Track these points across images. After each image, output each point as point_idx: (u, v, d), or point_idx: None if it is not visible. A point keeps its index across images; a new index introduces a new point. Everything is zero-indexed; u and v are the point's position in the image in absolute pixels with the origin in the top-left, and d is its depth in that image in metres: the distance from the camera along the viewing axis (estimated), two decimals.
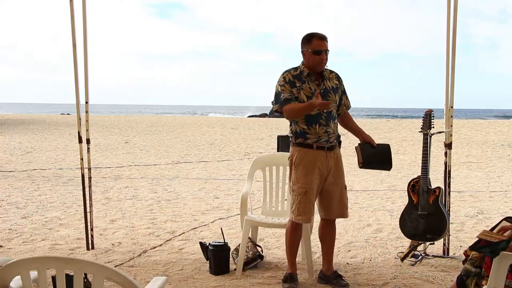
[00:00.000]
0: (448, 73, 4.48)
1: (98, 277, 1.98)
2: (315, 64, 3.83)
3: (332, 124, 3.89)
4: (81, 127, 4.83)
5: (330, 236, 4.07)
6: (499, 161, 12.64)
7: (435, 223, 4.41)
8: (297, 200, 3.84)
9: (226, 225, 5.89)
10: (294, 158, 3.87)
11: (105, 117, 36.36)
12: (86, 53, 4.75)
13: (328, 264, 4.05)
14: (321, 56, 3.80)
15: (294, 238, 4.01)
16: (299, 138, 3.86)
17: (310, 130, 3.82)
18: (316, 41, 3.80)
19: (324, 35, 3.84)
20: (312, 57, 3.81)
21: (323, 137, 3.84)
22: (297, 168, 3.85)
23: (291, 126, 3.91)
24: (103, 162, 12.03)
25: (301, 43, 3.88)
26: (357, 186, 8.87)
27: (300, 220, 3.88)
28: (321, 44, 3.80)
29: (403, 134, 21.03)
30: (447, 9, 4.39)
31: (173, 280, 4.04)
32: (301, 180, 3.83)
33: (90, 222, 4.99)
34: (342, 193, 3.97)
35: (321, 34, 3.83)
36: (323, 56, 3.81)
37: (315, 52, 3.79)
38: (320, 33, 3.83)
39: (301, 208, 3.84)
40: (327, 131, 3.85)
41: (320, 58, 3.80)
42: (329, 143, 3.87)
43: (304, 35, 3.88)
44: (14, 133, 20.95)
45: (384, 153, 4.09)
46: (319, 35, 3.82)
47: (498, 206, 7.03)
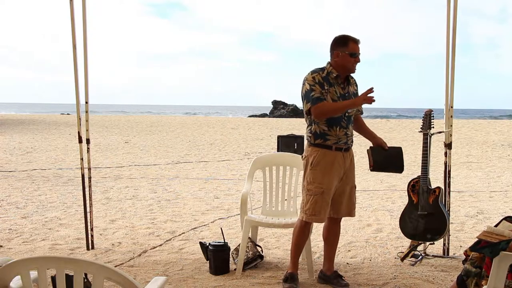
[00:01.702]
0: (448, 73, 4.48)
1: (98, 277, 1.98)
2: (348, 67, 3.85)
3: (351, 127, 3.99)
4: (81, 127, 4.83)
5: (335, 236, 4.10)
6: (499, 161, 12.64)
7: (435, 223, 4.41)
8: (313, 199, 3.84)
9: (226, 225, 5.89)
10: (312, 158, 3.88)
11: (105, 117, 36.36)
12: (86, 53, 4.75)
13: (329, 264, 4.06)
14: (356, 59, 3.84)
15: (302, 238, 4.01)
16: (318, 139, 3.86)
17: (331, 131, 3.85)
18: (353, 44, 3.83)
19: (359, 39, 3.89)
20: (347, 60, 3.82)
21: (342, 139, 3.88)
22: (315, 169, 3.85)
23: (310, 126, 3.91)
24: (103, 162, 12.04)
25: (334, 44, 3.87)
26: (357, 186, 8.80)
27: (314, 220, 3.90)
28: (356, 48, 3.85)
29: (403, 134, 21.04)
30: (447, 9, 4.40)
31: (173, 280, 4.04)
32: (318, 180, 3.84)
33: (90, 222, 5.00)
34: (352, 192, 4.03)
35: (356, 38, 3.88)
36: (357, 59, 3.85)
37: (351, 54, 3.81)
38: (355, 37, 3.88)
39: (316, 208, 3.84)
40: (347, 133, 3.91)
41: (355, 61, 3.84)
42: (346, 145, 3.93)
43: (338, 36, 3.89)
44: (14, 133, 20.96)
45: (395, 156, 4.13)
46: (354, 39, 3.86)
47: (498, 206, 7.03)
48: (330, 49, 3.89)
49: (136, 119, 34.31)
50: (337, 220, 4.08)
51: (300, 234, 3.98)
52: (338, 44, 3.85)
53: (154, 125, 26.98)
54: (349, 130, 3.95)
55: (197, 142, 17.94)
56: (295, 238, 4.00)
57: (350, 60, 3.81)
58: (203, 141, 18.13)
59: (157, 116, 46.17)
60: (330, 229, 4.08)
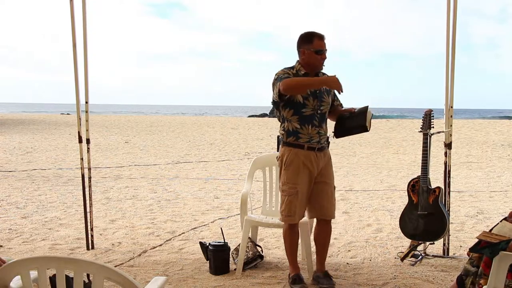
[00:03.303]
0: (448, 73, 4.48)
1: (98, 277, 1.98)
2: (316, 64, 3.80)
3: (324, 126, 3.91)
4: (81, 127, 4.83)
5: (325, 237, 4.02)
6: (499, 161, 12.64)
7: (435, 223, 4.41)
8: (287, 200, 3.84)
9: (226, 225, 5.89)
10: (285, 158, 3.85)
11: (105, 117, 36.35)
12: (86, 53, 4.75)
13: (320, 265, 4.02)
14: (322, 56, 3.78)
15: (293, 238, 4.00)
16: (290, 137, 3.83)
17: (303, 130, 3.81)
18: (318, 40, 3.76)
19: (323, 35, 3.82)
20: (313, 57, 3.77)
21: (314, 138, 3.84)
22: (288, 169, 3.84)
23: (283, 124, 3.88)
24: (103, 162, 12.03)
25: (300, 42, 3.82)
26: (357, 186, 8.87)
27: (289, 220, 3.88)
28: (322, 44, 3.78)
29: (403, 134, 21.04)
30: (447, 9, 4.39)
31: (173, 280, 4.04)
32: (292, 180, 3.82)
33: (90, 222, 4.99)
34: (332, 193, 3.95)
35: (321, 34, 3.80)
36: (324, 56, 3.79)
37: (316, 51, 3.76)
38: (319, 33, 3.81)
39: (292, 209, 3.84)
40: (319, 132, 3.85)
41: (321, 58, 3.79)
42: (320, 144, 3.87)
43: (302, 34, 3.83)
44: (14, 133, 20.95)
45: (359, 115, 3.88)
46: (319, 35, 3.79)
47: (498, 206, 7.03)
48: (296, 47, 3.85)
49: (136, 119, 34.30)
50: (323, 221, 3.99)
51: (287, 236, 3.99)
52: (303, 41, 3.81)
53: (154, 125, 26.98)
54: (322, 129, 3.87)
55: (197, 142, 17.94)
56: (286, 240, 4.01)
57: (316, 57, 3.77)
58: (203, 141, 18.13)
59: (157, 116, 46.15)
60: (317, 230, 4.03)
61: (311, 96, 3.80)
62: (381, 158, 13.53)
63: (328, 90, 3.90)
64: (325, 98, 3.87)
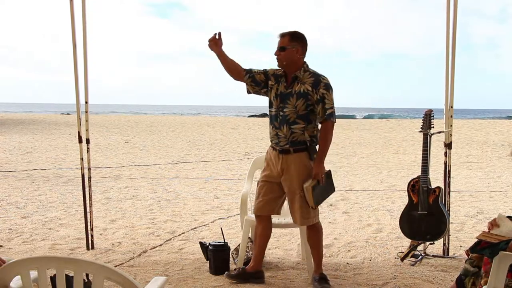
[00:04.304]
0: (448, 73, 4.48)
1: (98, 277, 1.98)
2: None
3: (286, 129, 3.78)
4: (81, 127, 4.83)
5: (310, 241, 4.00)
6: (499, 161, 12.64)
7: (435, 223, 4.41)
8: (257, 192, 4.02)
9: (226, 225, 5.89)
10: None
11: (105, 117, 36.36)
12: (86, 53, 4.75)
13: (315, 266, 3.99)
14: (276, 52, 3.83)
15: (256, 230, 4.08)
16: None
17: (269, 128, 3.97)
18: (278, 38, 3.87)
19: (285, 32, 3.83)
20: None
21: (273, 139, 3.89)
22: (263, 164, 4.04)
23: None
24: (103, 162, 12.03)
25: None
26: (357, 186, 8.87)
27: (256, 212, 4.03)
28: (279, 42, 3.84)
29: (403, 134, 21.04)
30: (446, 9, 4.39)
31: (173, 280, 4.04)
32: (262, 175, 4.02)
33: (90, 222, 4.99)
34: (296, 200, 3.82)
35: (283, 32, 3.85)
36: (277, 52, 3.83)
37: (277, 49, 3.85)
38: (284, 31, 3.85)
39: (256, 201, 4.00)
40: (278, 134, 3.84)
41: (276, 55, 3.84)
42: (279, 146, 3.85)
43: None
44: (14, 133, 20.95)
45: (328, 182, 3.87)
46: (280, 33, 3.87)
47: (498, 206, 7.03)
48: None
49: (136, 119, 34.30)
50: (308, 226, 3.95)
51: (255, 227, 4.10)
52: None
53: (154, 125, 26.97)
54: (282, 131, 3.80)
55: (197, 142, 17.94)
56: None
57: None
58: (203, 141, 18.13)
59: (157, 116, 46.15)
60: (307, 234, 4.02)
61: (278, 97, 3.86)
62: (381, 158, 13.53)
63: (302, 94, 3.76)
64: (290, 101, 3.79)
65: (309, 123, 3.79)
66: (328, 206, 7.04)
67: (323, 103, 3.73)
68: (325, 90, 3.73)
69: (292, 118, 3.78)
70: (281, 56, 3.80)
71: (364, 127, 25.72)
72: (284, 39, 3.80)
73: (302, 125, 3.78)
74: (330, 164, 12.05)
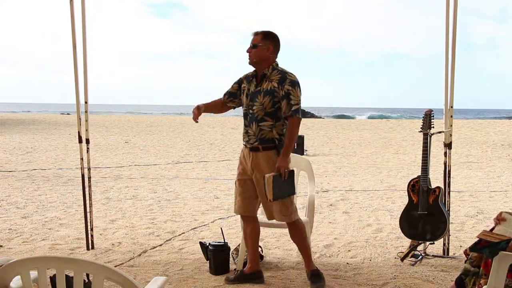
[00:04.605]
0: (448, 73, 4.48)
1: (98, 277, 1.98)
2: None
3: (255, 126, 3.82)
4: (81, 127, 4.83)
5: (294, 238, 4.01)
6: (499, 161, 12.64)
7: (435, 223, 4.41)
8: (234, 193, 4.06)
9: (226, 225, 5.89)
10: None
11: (105, 117, 36.36)
12: (85, 53, 4.75)
13: (306, 263, 4.00)
14: (247, 50, 3.87)
15: (244, 231, 4.10)
16: None
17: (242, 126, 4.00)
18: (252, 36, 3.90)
19: (258, 31, 3.88)
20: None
21: (244, 137, 3.94)
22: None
23: None
24: (103, 162, 12.03)
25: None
26: (357, 186, 8.87)
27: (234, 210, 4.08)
28: (252, 40, 3.88)
29: (403, 134, 21.04)
30: (446, 9, 4.39)
31: (173, 280, 4.04)
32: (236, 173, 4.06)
33: (90, 222, 4.99)
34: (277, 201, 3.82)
35: (256, 31, 3.89)
36: (248, 50, 3.86)
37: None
38: (258, 30, 3.89)
39: (235, 199, 4.04)
40: (248, 132, 3.89)
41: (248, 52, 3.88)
42: (249, 144, 3.89)
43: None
44: (14, 133, 20.95)
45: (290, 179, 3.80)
46: (253, 32, 3.90)
47: (498, 206, 7.03)
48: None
49: (136, 119, 34.30)
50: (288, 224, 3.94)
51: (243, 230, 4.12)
52: None
53: (154, 125, 26.98)
54: (251, 129, 3.84)
55: (197, 142, 17.94)
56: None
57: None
58: (203, 141, 18.13)
59: (157, 116, 46.15)
60: (290, 232, 4.01)
61: (248, 96, 3.91)
62: (381, 158, 13.53)
63: (269, 91, 3.77)
64: (258, 99, 3.81)
65: (277, 121, 3.80)
66: (328, 206, 7.04)
67: (288, 99, 3.74)
68: (290, 86, 3.74)
69: (260, 116, 3.81)
70: (252, 53, 3.85)
71: (364, 127, 25.73)
72: (257, 37, 3.86)
73: (270, 123, 3.80)
74: (330, 164, 12.07)
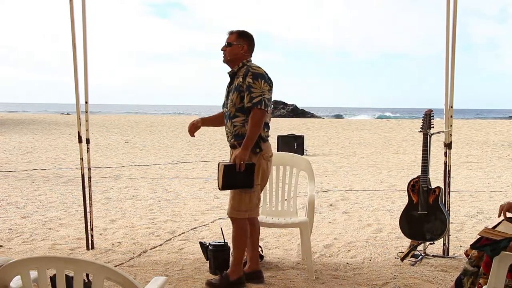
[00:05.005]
0: (448, 73, 4.48)
1: (98, 277, 1.97)
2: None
3: (229, 124, 3.89)
4: (81, 127, 4.83)
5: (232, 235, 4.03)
6: (499, 161, 12.64)
7: (435, 223, 4.42)
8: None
9: (226, 225, 5.88)
10: None
11: (105, 117, 36.36)
12: (85, 53, 4.75)
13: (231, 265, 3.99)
14: (222, 48, 3.90)
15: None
16: None
17: None
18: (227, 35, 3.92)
19: (234, 30, 3.92)
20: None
21: (226, 136, 3.99)
22: None
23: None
24: (103, 162, 12.04)
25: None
26: (357, 186, 8.87)
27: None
28: (226, 38, 3.91)
29: (403, 134, 21.04)
30: (446, 9, 4.39)
31: (173, 280, 4.04)
32: None
33: (90, 222, 4.99)
34: (233, 193, 3.89)
35: (231, 30, 3.93)
36: (223, 48, 3.89)
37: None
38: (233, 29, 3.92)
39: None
40: (226, 130, 3.96)
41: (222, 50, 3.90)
42: (228, 142, 3.97)
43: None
44: (14, 133, 20.96)
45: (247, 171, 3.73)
46: (229, 30, 3.93)
47: (498, 206, 6.99)
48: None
49: (136, 119, 34.30)
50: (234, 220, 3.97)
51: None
52: None
53: (154, 125, 26.98)
54: (227, 127, 3.92)
55: (197, 142, 17.94)
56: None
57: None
58: (203, 141, 18.13)
59: (157, 116, 46.15)
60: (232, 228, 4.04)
61: (225, 96, 3.96)
62: (381, 158, 13.53)
63: (237, 87, 3.80)
64: (230, 96, 3.87)
65: (248, 116, 3.77)
66: (328, 206, 7.04)
67: (249, 91, 3.73)
68: (251, 79, 3.73)
69: (232, 112, 3.85)
70: (226, 51, 3.88)
71: (364, 127, 25.73)
72: (232, 36, 3.90)
73: (242, 118, 3.81)
74: (330, 164, 12.06)
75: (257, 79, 3.74)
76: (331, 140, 18.97)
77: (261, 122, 3.73)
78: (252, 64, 3.85)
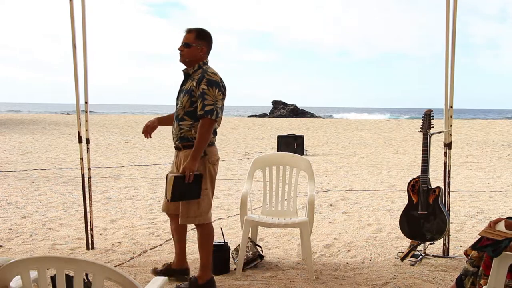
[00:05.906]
0: (448, 73, 4.48)
1: (98, 277, 1.97)
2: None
3: (175, 125, 3.83)
4: (81, 127, 4.83)
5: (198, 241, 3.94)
6: (499, 161, 12.64)
7: (435, 223, 4.42)
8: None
9: (226, 225, 5.89)
10: None
11: (105, 117, 36.36)
12: (85, 53, 4.75)
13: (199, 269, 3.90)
14: (179, 48, 3.82)
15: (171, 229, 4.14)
16: None
17: None
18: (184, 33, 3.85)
19: (192, 28, 3.82)
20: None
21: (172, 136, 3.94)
22: None
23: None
24: (103, 162, 12.04)
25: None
26: (357, 186, 8.87)
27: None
28: (184, 37, 3.82)
29: (403, 134, 21.04)
30: (446, 9, 4.39)
31: (173, 280, 4.04)
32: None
33: (90, 222, 4.99)
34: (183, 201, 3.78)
35: (189, 28, 3.84)
36: (180, 48, 3.81)
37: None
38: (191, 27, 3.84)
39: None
40: (172, 131, 3.91)
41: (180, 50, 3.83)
42: (173, 143, 3.94)
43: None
44: (14, 133, 20.96)
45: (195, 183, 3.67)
46: (186, 28, 3.85)
47: (498, 206, 7.03)
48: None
49: (136, 119, 34.29)
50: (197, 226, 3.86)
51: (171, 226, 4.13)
52: None
53: None
54: (174, 128, 3.87)
55: None
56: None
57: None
58: None
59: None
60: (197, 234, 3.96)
61: (177, 96, 3.90)
62: (381, 158, 13.53)
63: (188, 91, 3.74)
64: (180, 98, 3.82)
65: (196, 121, 3.71)
66: (328, 206, 7.04)
67: (203, 98, 3.65)
68: (206, 86, 3.64)
69: (180, 115, 3.79)
70: (184, 52, 3.79)
71: (364, 127, 25.73)
72: (190, 36, 3.78)
73: (189, 122, 3.75)
74: (330, 164, 12.06)
75: (212, 86, 3.65)
76: (331, 140, 18.97)
77: (210, 132, 3.66)
78: (209, 69, 3.75)
